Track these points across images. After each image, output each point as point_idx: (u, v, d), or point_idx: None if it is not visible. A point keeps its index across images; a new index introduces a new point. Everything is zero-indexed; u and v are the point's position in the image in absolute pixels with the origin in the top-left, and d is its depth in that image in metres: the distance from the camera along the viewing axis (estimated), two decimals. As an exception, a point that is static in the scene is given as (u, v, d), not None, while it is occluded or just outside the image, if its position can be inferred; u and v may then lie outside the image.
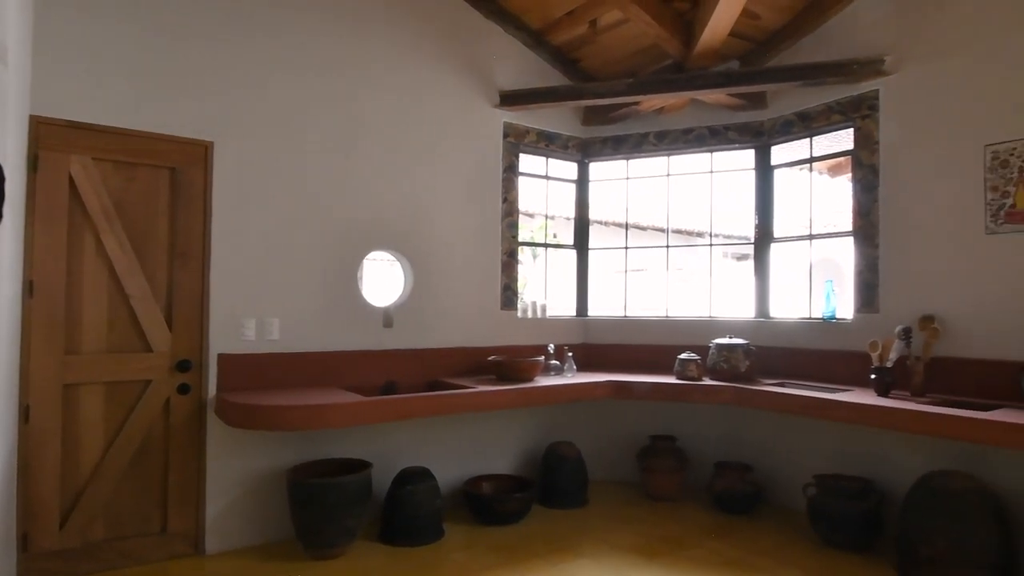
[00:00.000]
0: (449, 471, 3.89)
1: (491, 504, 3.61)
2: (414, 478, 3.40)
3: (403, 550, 3.23)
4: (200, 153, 3.19)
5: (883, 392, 3.26)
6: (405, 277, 3.97)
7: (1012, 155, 3.10)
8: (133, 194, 3.04)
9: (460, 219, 4.11)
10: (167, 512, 3.09)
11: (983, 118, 3.22)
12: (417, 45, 3.93)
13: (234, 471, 3.22)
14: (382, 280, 5.26)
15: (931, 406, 2.93)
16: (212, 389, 3.18)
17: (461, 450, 3.99)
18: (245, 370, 3.25)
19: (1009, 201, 3.11)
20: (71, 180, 2.88)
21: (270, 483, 3.30)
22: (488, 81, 4.25)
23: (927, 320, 3.34)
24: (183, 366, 3.11)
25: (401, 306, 3.86)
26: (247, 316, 3.28)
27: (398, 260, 3.95)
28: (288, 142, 3.43)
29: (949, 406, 2.93)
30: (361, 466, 3.29)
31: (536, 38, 4.40)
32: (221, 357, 3.20)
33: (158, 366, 3.07)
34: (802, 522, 3.57)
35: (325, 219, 3.55)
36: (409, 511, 3.32)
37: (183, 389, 3.12)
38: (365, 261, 3.81)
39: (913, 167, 3.50)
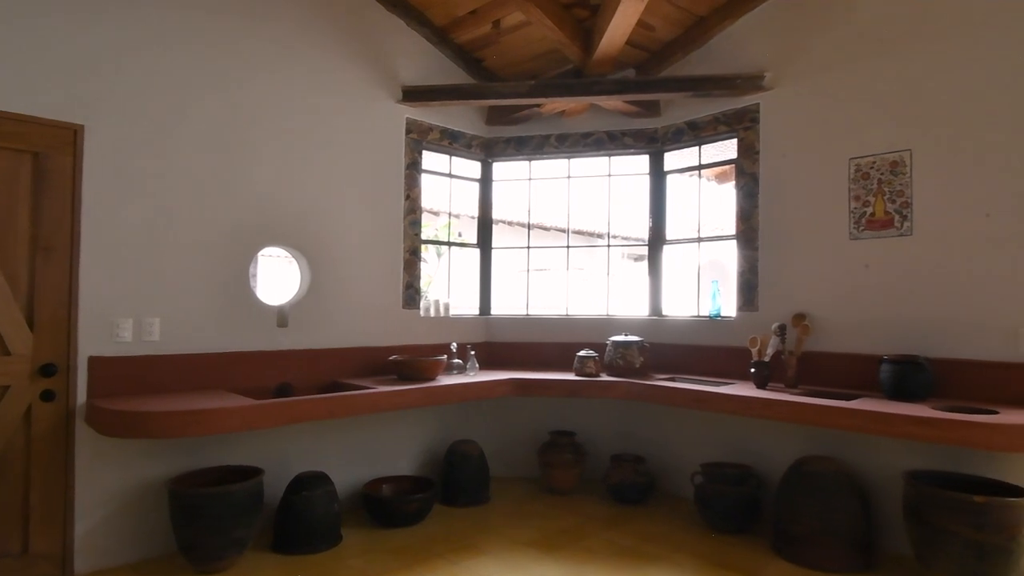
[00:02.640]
0: (348, 474, 3.79)
1: (391, 506, 3.55)
2: (310, 483, 3.29)
3: (298, 559, 3.11)
4: (68, 137, 2.91)
5: (761, 384, 3.50)
6: (301, 274, 3.82)
7: (872, 168, 3.43)
8: (-13, 180, 2.73)
9: (360, 215, 4.01)
10: (29, 531, 2.79)
11: (848, 134, 3.53)
12: (316, 32, 3.79)
13: (107, 484, 2.97)
14: (280, 277, 5.04)
15: (802, 397, 3.19)
16: (82, 395, 2.91)
17: (360, 452, 3.89)
18: (120, 374, 3.01)
19: (869, 210, 3.44)
20: (-91, 162, 2.55)
21: (149, 495, 3.08)
22: (391, 75, 4.17)
23: (799, 317, 3.63)
24: (47, 371, 2.83)
25: (297, 305, 3.71)
26: (123, 315, 3.03)
27: (294, 257, 3.80)
28: (170, 128, 3.20)
29: (818, 396, 3.20)
30: (252, 473, 3.14)
31: (440, 35, 4.37)
32: (92, 360, 2.94)
33: (17, 371, 2.78)
34: (691, 509, 3.78)
35: (212, 211, 3.35)
36: (304, 518, 3.20)
37: (47, 396, 2.83)
38: (259, 257, 3.64)
39: (788, 177, 3.79)
